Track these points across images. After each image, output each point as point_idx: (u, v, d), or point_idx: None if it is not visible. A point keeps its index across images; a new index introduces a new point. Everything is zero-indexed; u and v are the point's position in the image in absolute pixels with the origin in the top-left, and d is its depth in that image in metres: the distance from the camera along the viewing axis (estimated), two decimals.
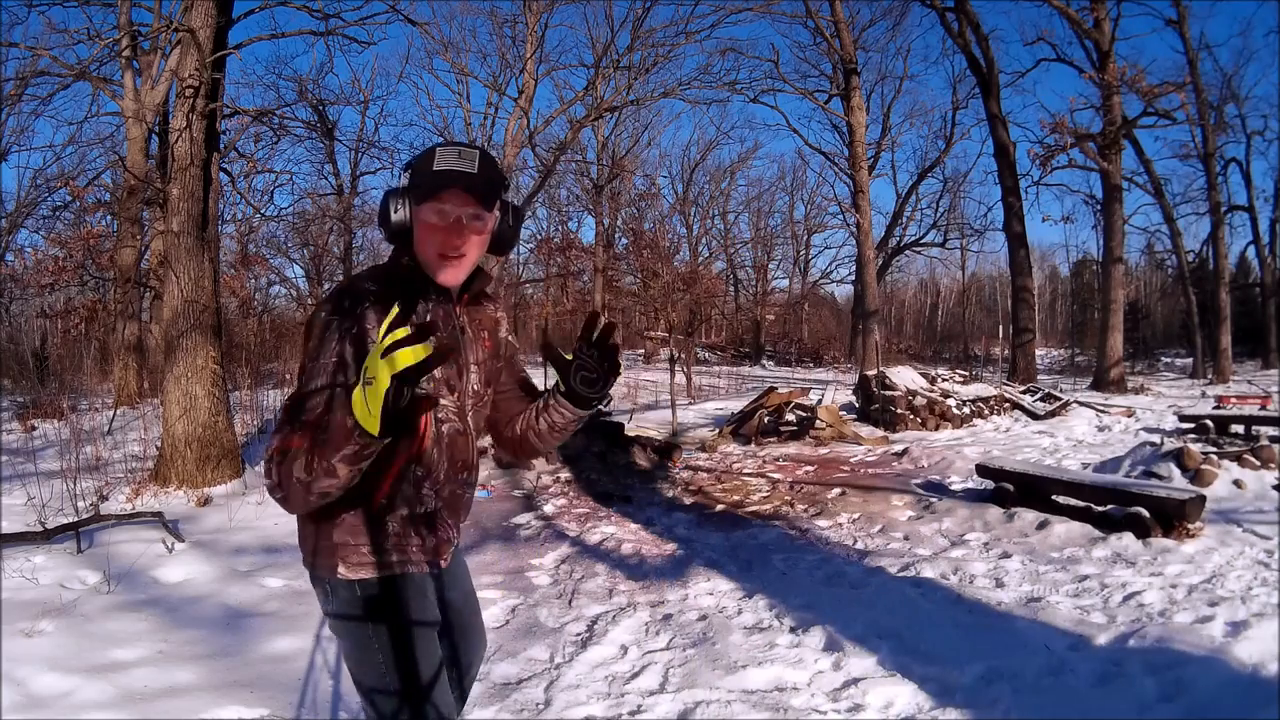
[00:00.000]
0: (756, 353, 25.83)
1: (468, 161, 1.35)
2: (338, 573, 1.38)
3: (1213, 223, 18.42)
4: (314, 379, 1.27)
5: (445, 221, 1.36)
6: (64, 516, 4.73)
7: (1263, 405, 8.71)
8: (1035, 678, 2.67)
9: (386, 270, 1.43)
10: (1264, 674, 2.57)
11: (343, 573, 1.37)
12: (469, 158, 1.36)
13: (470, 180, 1.35)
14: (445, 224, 1.36)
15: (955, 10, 15.83)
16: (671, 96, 13.48)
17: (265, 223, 18.26)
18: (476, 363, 1.50)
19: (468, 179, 1.34)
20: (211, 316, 5.85)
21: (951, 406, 9.85)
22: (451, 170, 1.34)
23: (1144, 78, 14.70)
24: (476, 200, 1.37)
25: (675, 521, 5.25)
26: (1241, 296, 24.26)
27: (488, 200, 1.38)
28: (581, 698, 2.69)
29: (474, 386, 1.50)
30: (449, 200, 1.35)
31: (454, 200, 1.35)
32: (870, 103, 23.54)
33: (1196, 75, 16.90)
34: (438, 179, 1.34)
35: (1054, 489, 5.05)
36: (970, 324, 34.15)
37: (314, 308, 1.36)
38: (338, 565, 1.37)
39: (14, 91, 10.60)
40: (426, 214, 1.36)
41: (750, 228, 32.75)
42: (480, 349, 1.51)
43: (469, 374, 1.48)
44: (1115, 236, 15.26)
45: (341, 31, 7.25)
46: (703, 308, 18.37)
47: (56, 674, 2.77)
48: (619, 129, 25.71)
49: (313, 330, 1.32)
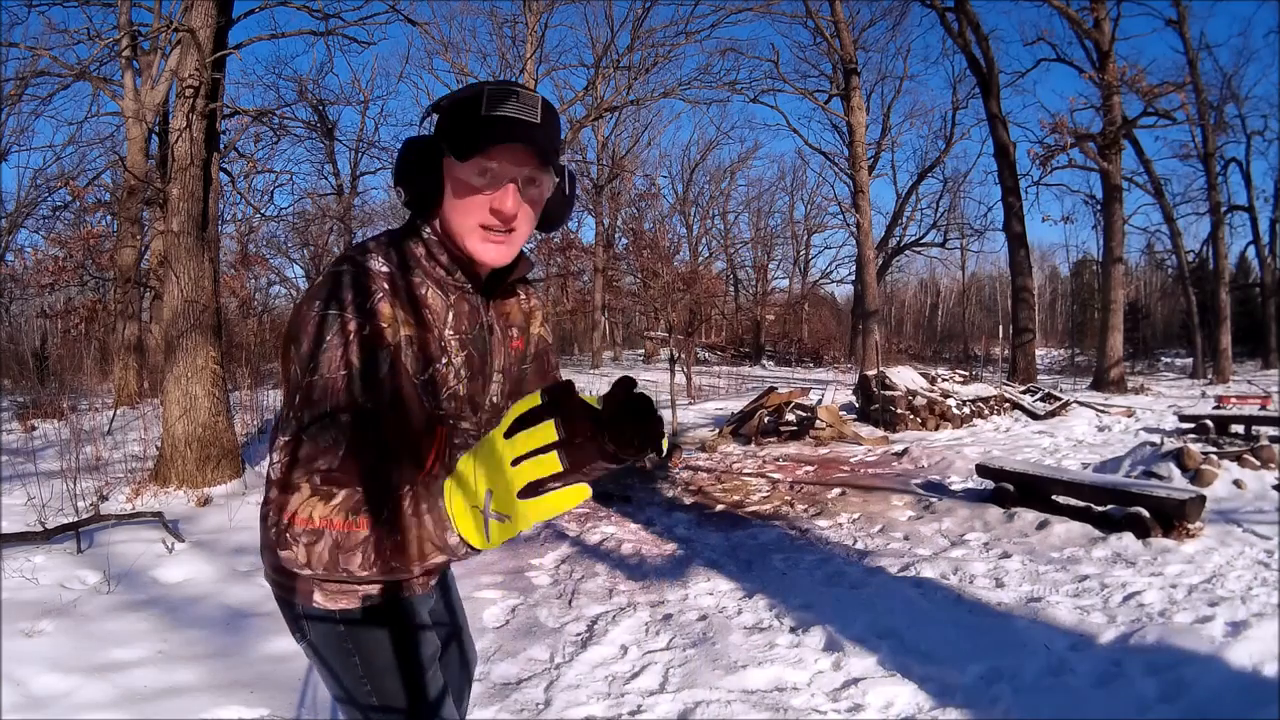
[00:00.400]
0: (756, 353, 25.84)
1: (529, 108, 1.01)
2: (313, 600, 1.11)
3: (1213, 223, 18.42)
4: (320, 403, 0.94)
5: (495, 186, 1.03)
6: (64, 516, 4.73)
7: (1263, 405, 8.70)
8: (1035, 678, 2.67)
9: (401, 243, 1.09)
10: (1264, 674, 2.57)
11: (319, 601, 1.10)
12: (531, 104, 1.02)
13: (532, 133, 1.01)
14: (495, 188, 1.03)
15: (955, 10, 15.82)
16: (671, 96, 13.52)
17: (265, 223, 18.27)
18: (501, 370, 1.19)
19: (529, 131, 1.00)
20: (211, 316, 5.85)
21: (951, 406, 9.85)
22: (509, 119, 1.00)
23: (1144, 78, 14.72)
24: (536, 160, 1.03)
25: (675, 521, 5.25)
26: (1241, 296, 24.26)
27: (549, 161, 1.05)
28: (581, 698, 2.69)
29: (493, 399, 1.19)
30: (500, 157, 1.01)
31: (507, 157, 1.02)
32: (870, 103, 23.60)
33: (1196, 75, 16.91)
34: (491, 129, 0.99)
35: (1054, 489, 5.05)
36: (970, 324, 34.17)
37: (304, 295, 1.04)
38: (313, 591, 1.10)
39: (14, 91, 10.59)
40: (467, 173, 1.02)
41: (750, 228, 32.80)
42: (508, 352, 1.21)
43: (491, 386, 1.18)
44: (1115, 236, 15.26)
45: (341, 31, 7.26)
46: (703, 308, 18.35)
47: (56, 674, 2.77)
48: (619, 129, 25.79)
49: (302, 329, 0.98)
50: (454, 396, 1.09)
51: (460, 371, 1.10)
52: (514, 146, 1.01)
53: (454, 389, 1.09)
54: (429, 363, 1.05)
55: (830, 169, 26.05)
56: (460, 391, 1.10)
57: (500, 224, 1.04)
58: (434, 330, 1.06)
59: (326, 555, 0.89)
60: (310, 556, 0.90)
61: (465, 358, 1.10)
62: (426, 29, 12.34)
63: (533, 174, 1.04)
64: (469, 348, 1.11)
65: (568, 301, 26.32)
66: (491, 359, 1.16)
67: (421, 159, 1.04)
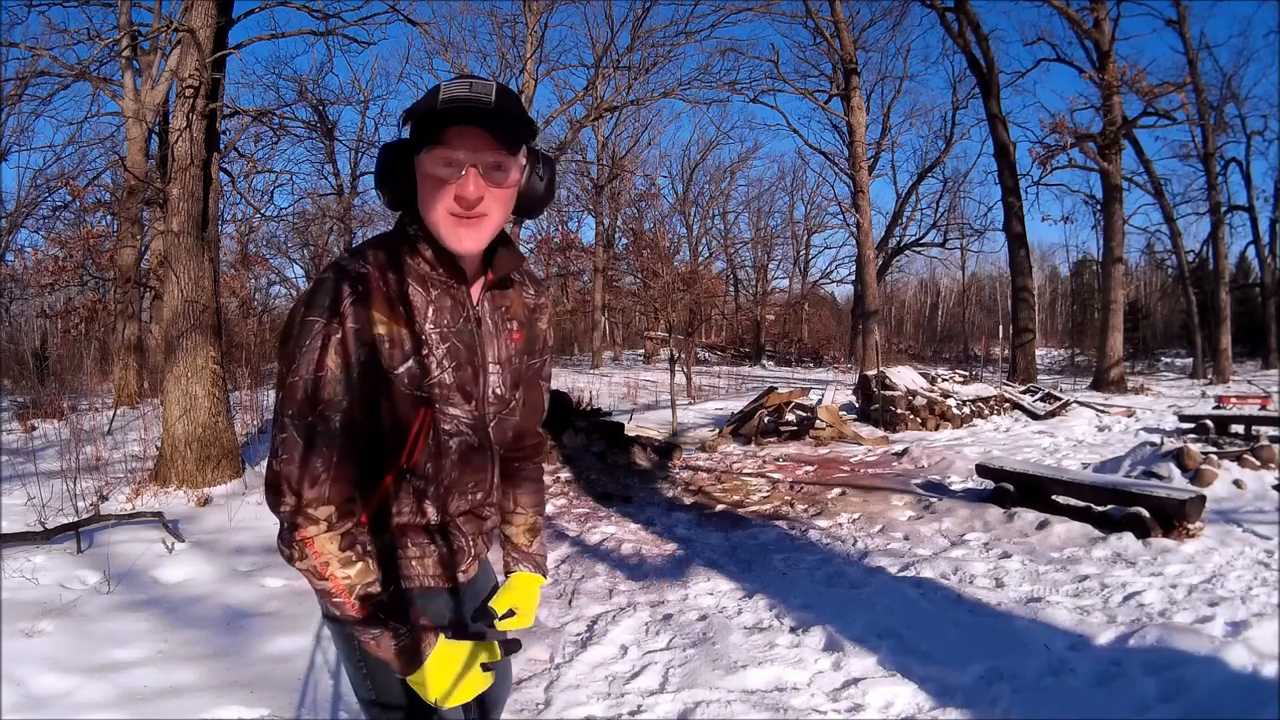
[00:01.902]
0: (756, 353, 25.84)
1: (481, 93, 1.04)
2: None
3: (1213, 223, 18.43)
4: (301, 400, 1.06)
5: (454, 172, 1.06)
6: (64, 516, 4.73)
7: (1263, 405, 8.70)
8: (1035, 678, 2.67)
9: (387, 245, 1.16)
10: (1264, 674, 2.57)
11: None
12: (483, 90, 1.05)
13: (486, 116, 1.04)
14: (457, 175, 1.06)
15: (955, 10, 15.83)
16: (671, 96, 13.48)
17: (265, 223, 18.30)
18: (498, 361, 1.23)
19: (482, 115, 1.04)
20: (211, 316, 5.85)
21: (951, 406, 9.85)
22: (461, 105, 1.03)
23: (1144, 78, 14.73)
24: (495, 142, 1.06)
25: (675, 521, 5.25)
26: (1241, 296, 24.25)
27: (510, 143, 1.08)
28: (581, 698, 2.69)
29: (496, 390, 1.22)
30: (458, 145, 1.05)
31: (465, 143, 1.05)
32: (870, 103, 23.60)
33: (1196, 75, 16.92)
34: (442, 116, 1.04)
35: (1054, 489, 5.05)
36: (970, 324, 34.17)
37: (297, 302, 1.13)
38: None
39: (14, 91, 10.59)
40: (433, 165, 1.06)
41: (750, 228, 32.79)
42: (505, 343, 1.24)
43: (487, 375, 1.21)
44: (1115, 236, 15.26)
45: (341, 31, 7.25)
46: (703, 308, 18.37)
47: (56, 674, 2.77)
48: (619, 129, 25.77)
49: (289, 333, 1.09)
50: (440, 384, 1.14)
51: (443, 361, 1.15)
52: (470, 130, 1.05)
53: (438, 377, 1.14)
54: (408, 355, 1.12)
55: (830, 169, 26.04)
56: (447, 380, 1.15)
57: (464, 210, 1.08)
58: (414, 324, 1.12)
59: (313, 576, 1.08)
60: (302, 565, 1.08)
61: (448, 349, 1.15)
62: (426, 29, 12.34)
63: (495, 159, 1.07)
64: (451, 339, 1.16)
65: (568, 301, 26.33)
66: (481, 349, 1.20)
67: (395, 162, 1.12)
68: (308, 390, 1.06)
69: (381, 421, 1.12)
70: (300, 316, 1.08)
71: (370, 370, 1.08)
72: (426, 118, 1.06)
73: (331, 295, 1.07)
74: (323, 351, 1.05)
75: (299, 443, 1.05)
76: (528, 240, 26.28)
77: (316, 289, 1.09)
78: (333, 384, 1.06)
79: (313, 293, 1.09)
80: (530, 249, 26.85)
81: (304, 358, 1.06)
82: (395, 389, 1.11)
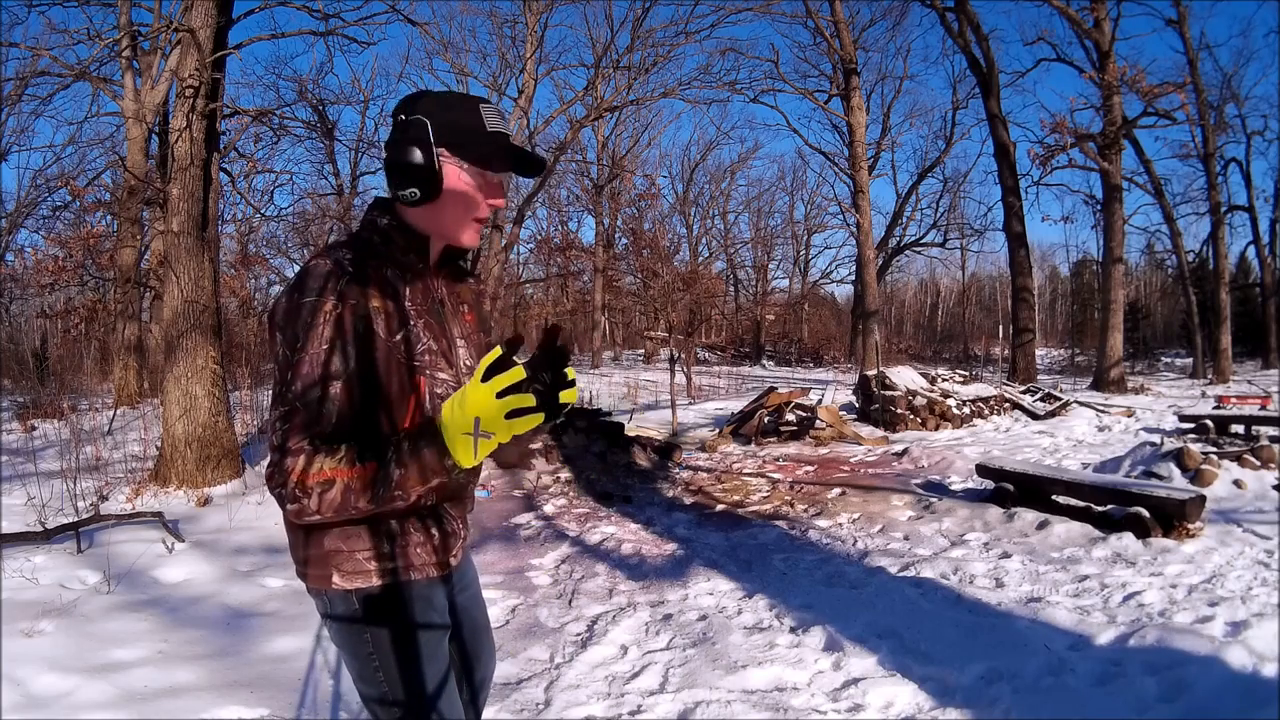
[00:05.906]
0: (756, 353, 25.84)
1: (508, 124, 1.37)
2: (332, 583, 1.25)
3: (1213, 223, 18.43)
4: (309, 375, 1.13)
5: (493, 189, 1.31)
6: (64, 516, 4.73)
7: (1263, 405, 8.70)
8: (1035, 678, 2.67)
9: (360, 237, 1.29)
10: (1264, 674, 2.57)
11: (338, 583, 1.24)
12: (505, 119, 1.35)
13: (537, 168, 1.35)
14: (494, 192, 1.31)
15: (955, 10, 15.83)
16: (671, 96, 13.52)
17: (265, 223, 18.28)
18: (463, 336, 1.38)
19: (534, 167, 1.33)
20: (211, 316, 5.85)
21: (951, 406, 9.85)
22: (505, 135, 1.28)
23: (1144, 78, 14.71)
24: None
25: (675, 521, 5.25)
26: (1241, 296, 24.25)
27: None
28: (581, 698, 2.69)
29: (467, 361, 1.37)
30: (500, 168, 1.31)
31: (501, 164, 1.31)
32: (870, 103, 23.61)
33: (1196, 75, 16.92)
34: (497, 145, 1.26)
35: (1054, 489, 5.05)
36: (970, 324, 34.16)
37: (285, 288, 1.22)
38: (332, 574, 1.24)
39: (14, 91, 10.60)
40: (472, 175, 1.27)
41: (750, 228, 32.81)
42: (462, 322, 1.40)
43: (456, 348, 1.35)
44: (1115, 236, 15.26)
45: (341, 31, 7.25)
46: (703, 308, 18.35)
47: (56, 674, 2.77)
48: (619, 129, 25.80)
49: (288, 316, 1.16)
50: (429, 350, 1.27)
51: (423, 334, 1.28)
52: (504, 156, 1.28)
53: (427, 344, 1.28)
54: (400, 326, 1.24)
55: (830, 169, 26.06)
56: (433, 346, 1.29)
57: (491, 216, 1.32)
58: (398, 301, 1.25)
59: (339, 498, 1.09)
60: (321, 503, 1.09)
61: (424, 324, 1.29)
62: (426, 29, 12.30)
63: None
64: (425, 316, 1.29)
65: (568, 301, 26.32)
66: (449, 326, 1.35)
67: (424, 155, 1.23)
68: (315, 365, 1.13)
69: (382, 390, 1.20)
70: (296, 300, 1.16)
71: (369, 342, 1.18)
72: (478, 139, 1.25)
73: (325, 278, 1.17)
74: (325, 327, 1.14)
75: (303, 415, 1.12)
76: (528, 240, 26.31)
77: (308, 275, 1.18)
78: (338, 357, 1.15)
79: (304, 278, 1.18)
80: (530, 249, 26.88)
81: (309, 334, 1.14)
82: (394, 357, 1.21)
